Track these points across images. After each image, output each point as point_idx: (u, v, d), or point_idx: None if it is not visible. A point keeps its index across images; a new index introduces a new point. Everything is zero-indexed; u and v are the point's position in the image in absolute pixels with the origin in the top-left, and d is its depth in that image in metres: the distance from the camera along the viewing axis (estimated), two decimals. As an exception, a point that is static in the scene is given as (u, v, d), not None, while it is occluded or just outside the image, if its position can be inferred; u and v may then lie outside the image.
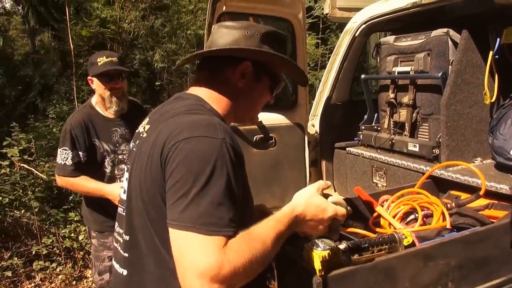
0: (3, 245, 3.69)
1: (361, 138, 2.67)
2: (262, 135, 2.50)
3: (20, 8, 15.03)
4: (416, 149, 2.21)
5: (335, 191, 2.88)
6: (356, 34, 2.66)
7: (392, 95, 2.42)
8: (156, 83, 5.09)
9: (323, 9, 5.18)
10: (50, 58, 11.03)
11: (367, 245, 1.35)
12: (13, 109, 9.46)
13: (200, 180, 0.84)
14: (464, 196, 1.87)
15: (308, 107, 2.71)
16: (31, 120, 4.33)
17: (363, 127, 2.69)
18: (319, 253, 1.27)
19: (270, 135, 2.52)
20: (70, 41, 4.64)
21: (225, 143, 0.89)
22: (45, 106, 7.65)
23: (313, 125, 2.85)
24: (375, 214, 1.75)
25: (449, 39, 2.12)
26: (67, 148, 2.04)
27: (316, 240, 1.33)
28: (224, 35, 1.08)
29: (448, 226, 1.52)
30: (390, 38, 2.46)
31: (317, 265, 1.25)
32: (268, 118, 2.51)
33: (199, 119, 0.97)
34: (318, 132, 2.84)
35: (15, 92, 10.41)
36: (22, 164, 3.55)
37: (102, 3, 4.66)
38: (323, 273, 1.23)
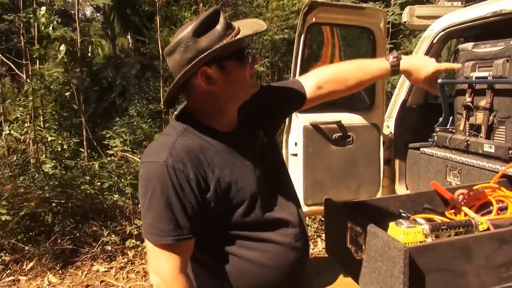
0: (103, 224, 4.25)
1: (436, 139, 2.81)
2: (341, 134, 2.73)
3: (98, 14, 16.44)
4: (492, 150, 2.33)
5: (407, 189, 3.04)
6: (434, 41, 2.81)
7: (469, 99, 2.54)
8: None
9: (394, 14, 5.28)
10: (130, 62, 12.00)
11: (446, 227, 1.55)
12: (97, 108, 10.42)
13: (146, 198, 1.07)
14: (540, 195, 1.97)
15: (384, 109, 2.89)
16: (126, 117, 4.92)
17: (437, 129, 2.82)
18: (404, 229, 1.50)
19: (348, 134, 2.75)
20: (159, 47, 5.12)
21: (166, 166, 1.05)
22: (127, 105, 8.39)
23: (388, 126, 3.03)
24: (450, 206, 1.93)
25: (529, 46, 2.22)
26: None
27: (400, 220, 1.56)
28: (171, 64, 1.13)
29: (523, 216, 1.67)
30: (469, 45, 2.59)
31: (402, 239, 1.48)
32: (347, 118, 2.74)
33: (157, 143, 1.16)
34: (393, 132, 3.01)
35: (96, 93, 11.43)
36: (124, 154, 4.08)
37: (191, 12, 5.16)
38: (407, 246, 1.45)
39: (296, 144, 2.68)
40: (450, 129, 2.77)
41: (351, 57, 3.07)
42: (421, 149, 2.86)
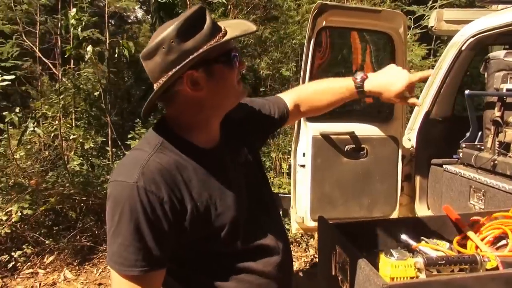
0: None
1: (461, 156, 2.55)
2: (353, 146, 2.55)
3: (149, 17, 17.02)
4: (521, 172, 2.06)
5: (428, 208, 2.79)
6: (463, 48, 2.55)
7: (498, 113, 2.28)
8: (261, 89, 5.42)
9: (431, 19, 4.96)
10: (170, 63, 12.22)
11: (444, 261, 1.36)
12: (137, 107, 10.70)
13: (113, 222, 0.94)
14: None
15: (404, 121, 2.67)
16: (151, 118, 4.96)
17: (463, 145, 2.56)
18: (392, 262, 1.33)
19: (362, 146, 2.56)
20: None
21: (137, 187, 0.93)
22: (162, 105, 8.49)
23: (409, 139, 2.80)
24: (461, 235, 1.71)
25: None
26: None
27: (391, 250, 1.39)
28: (150, 68, 1.00)
29: (542, 255, 1.43)
30: (500, 53, 2.32)
31: (389, 273, 1.31)
32: (361, 129, 2.55)
33: (128, 159, 1.03)
34: (414, 146, 2.78)
35: (139, 92, 11.75)
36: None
37: (218, 15, 5.13)
38: (393, 281, 1.28)
39: (304, 154, 2.54)
40: (477, 146, 2.51)
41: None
42: (444, 166, 2.62)
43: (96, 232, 4.24)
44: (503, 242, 1.61)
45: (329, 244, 1.60)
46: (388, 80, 1.23)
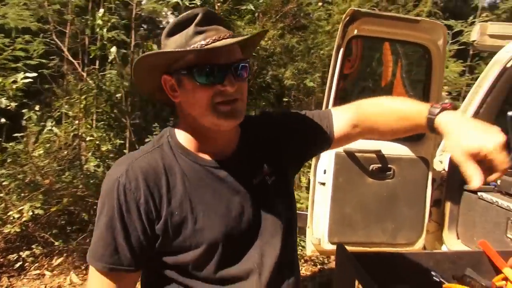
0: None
1: (498, 183, 2.31)
2: (379, 165, 2.36)
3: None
4: None
5: (458, 238, 2.55)
6: (508, 65, 2.33)
7: (545, 139, 2.04)
8: (284, 99, 5.28)
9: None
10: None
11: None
12: (161, 110, 10.73)
13: (98, 213, 0.95)
14: None
15: (436, 141, 2.46)
16: (170, 122, 4.88)
17: (502, 172, 2.32)
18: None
19: (389, 166, 2.37)
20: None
21: (118, 182, 0.92)
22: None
23: (441, 162, 2.58)
24: (500, 276, 1.49)
25: None
26: None
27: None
28: None
29: None
30: (551, 73, 2.10)
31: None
32: (389, 147, 2.36)
33: (126, 155, 1.03)
34: (446, 170, 2.56)
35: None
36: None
37: (245, 22, 5.04)
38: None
39: (325, 171, 2.36)
40: (518, 174, 2.27)
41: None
42: (479, 193, 2.38)
43: (107, 235, 4.15)
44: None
45: (348, 277, 1.41)
46: (472, 124, 0.85)
